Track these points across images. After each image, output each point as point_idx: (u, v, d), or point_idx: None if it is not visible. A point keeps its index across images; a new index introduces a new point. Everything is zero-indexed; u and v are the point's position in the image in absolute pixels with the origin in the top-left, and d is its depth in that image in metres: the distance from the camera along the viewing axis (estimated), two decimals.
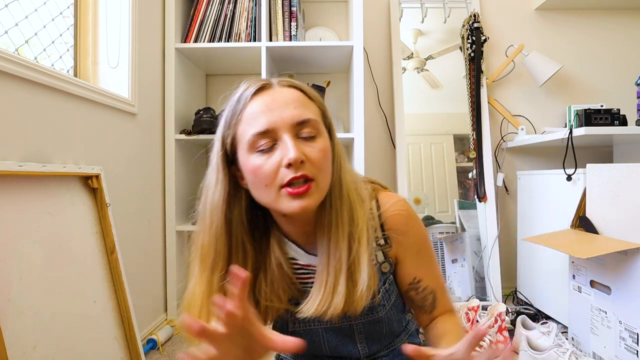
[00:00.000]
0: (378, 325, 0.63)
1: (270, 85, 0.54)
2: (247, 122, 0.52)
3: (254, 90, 0.53)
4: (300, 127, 0.52)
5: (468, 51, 1.87)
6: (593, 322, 1.17)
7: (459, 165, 1.90)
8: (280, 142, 0.51)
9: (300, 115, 0.51)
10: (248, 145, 0.51)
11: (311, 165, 0.51)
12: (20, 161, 0.84)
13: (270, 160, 0.50)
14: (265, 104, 0.51)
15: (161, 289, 1.53)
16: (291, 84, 0.55)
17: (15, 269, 0.77)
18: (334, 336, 0.63)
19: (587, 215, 1.21)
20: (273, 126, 0.50)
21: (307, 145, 0.52)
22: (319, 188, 0.52)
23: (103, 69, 1.29)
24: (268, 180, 0.50)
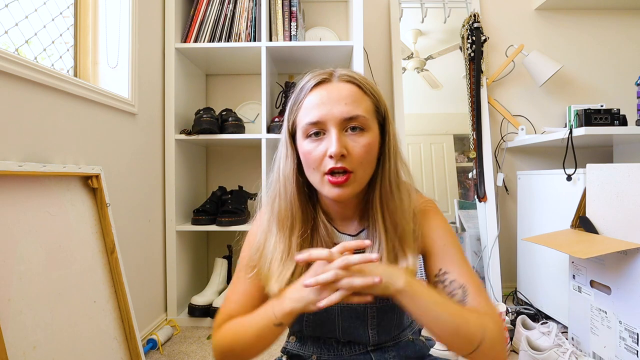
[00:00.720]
0: (390, 313, 0.66)
1: (329, 79, 0.60)
2: (304, 110, 0.59)
3: (314, 82, 0.60)
4: (348, 122, 0.57)
5: (468, 51, 1.87)
6: (593, 322, 1.17)
7: (459, 165, 1.90)
8: (328, 133, 0.57)
9: (349, 111, 0.57)
10: (303, 130, 0.59)
11: (352, 159, 0.57)
12: (20, 161, 0.84)
13: (318, 148, 0.58)
14: (320, 97, 0.58)
15: (161, 289, 1.53)
16: (349, 79, 0.60)
17: (15, 269, 0.77)
18: (348, 317, 0.66)
19: (587, 215, 1.21)
20: (324, 119, 0.57)
21: (352, 139, 0.57)
22: (357, 179, 0.58)
23: (103, 69, 1.29)
24: (315, 165, 0.58)
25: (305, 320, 0.67)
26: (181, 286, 1.61)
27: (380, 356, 0.67)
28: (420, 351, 0.71)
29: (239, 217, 1.59)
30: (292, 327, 0.71)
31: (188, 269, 1.69)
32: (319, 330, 0.67)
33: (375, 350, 0.68)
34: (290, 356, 0.72)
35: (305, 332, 0.69)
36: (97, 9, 1.30)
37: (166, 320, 1.54)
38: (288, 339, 0.74)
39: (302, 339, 0.71)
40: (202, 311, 1.52)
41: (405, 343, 0.70)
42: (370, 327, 0.66)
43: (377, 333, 0.66)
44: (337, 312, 0.65)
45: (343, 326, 0.66)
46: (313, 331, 0.68)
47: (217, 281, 1.65)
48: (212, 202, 1.66)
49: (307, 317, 0.67)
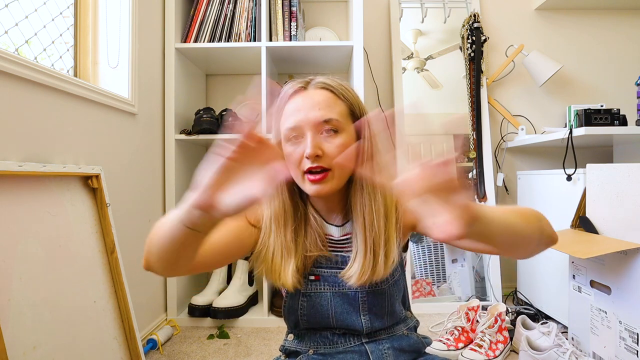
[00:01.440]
0: (380, 298, 0.69)
1: (305, 87, 0.67)
2: (284, 117, 0.65)
3: (291, 91, 0.66)
4: (322, 125, 0.62)
5: (468, 51, 1.87)
6: (593, 322, 1.17)
7: (459, 165, 1.90)
8: (304, 137, 0.62)
9: (322, 115, 0.62)
10: (284, 135, 0.64)
11: (327, 158, 0.61)
12: (20, 161, 0.84)
13: (297, 150, 0.63)
14: (296, 104, 0.64)
15: (161, 289, 1.53)
16: (324, 85, 0.66)
17: (15, 269, 0.77)
18: (340, 302, 0.69)
19: (587, 215, 1.21)
20: (300, 124, 0.62)
21: (327, 140, 0.62)
22: (335, 177, 0.63)
23: (103, 69, 1.29)
24: (294, 166, 0.63)
25: (300, 308, 0.70)
26: (181, 286, 1.61)
27: (374, 347, 0.70)
28: (415, 345, 0.73)
29: None
30: (289, 322, 0.74)
31: None
32: (313, 319, 0.70)
33: (369, 342, 0.70)
34: (288, 354, 0.74)
35: (301, 324, 0.71)
36: (97, 9, 1.30)
37: (166, 320, 1.54)
38: (286, 337, 0.76)
39: (300, 336, 0.73)
40: (202, 311, 1.52)
41: (400, 336, 0.73)
42: (362, 313, 0.69)
43: (369, 320, 0.69)
44: (330, 298, 0.69)
45: (336, 312, 0.69)
46: (308, 322, 0.70)
47: (217, 281, 1.65)
48: None
49: (302, 306, 0.70)
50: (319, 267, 0.69)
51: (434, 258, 1.80)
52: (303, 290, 0.69)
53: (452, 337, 1.31)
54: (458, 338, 1.31)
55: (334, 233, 0.71)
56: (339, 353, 0.70)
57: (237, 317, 1.53)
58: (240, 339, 1.41)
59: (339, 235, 0.71)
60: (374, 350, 0.69)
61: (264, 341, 1.40)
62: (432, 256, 1.80)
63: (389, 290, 0.70)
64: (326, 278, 0.69)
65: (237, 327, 1.53)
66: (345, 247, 0.70)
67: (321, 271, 0.69)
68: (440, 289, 1.77)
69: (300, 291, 0.69)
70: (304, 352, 0.72)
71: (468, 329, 1.33)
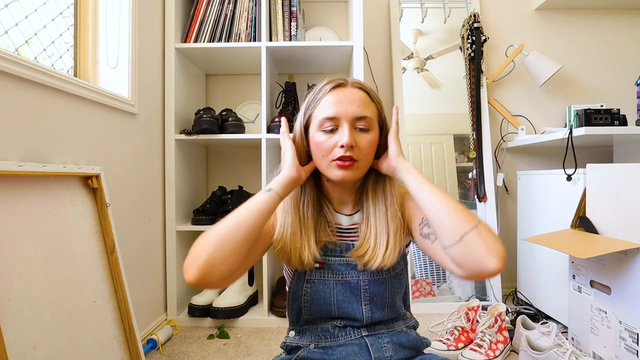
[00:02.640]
0: (382, 287, 0.73)
1: (345, 84, 0.72)
2: (322, 107, 0.70)
3: (333, 85, 0.71)
4: (357, 121, 0.68)
5: (468, 51, 1.87)
6: (593, 322, 1.17)
7: (459, 165, 1.90)
8: (340, 127, 0.68)
9: (360, 112, 0.68)
10: (318, 124, 0.69)
11: (358, 150, 0.68)
12: (20, 161, 0.84)
13: (330, 139, 0.68)
14: (337, 97, 0.69)
15: (161, 289, 1.53)
16: (360, 86, 0.72)
17: (15, 269, 0.77)
18: (342, 290, 0.73)
19: (587, 215, 1.21)
20: (339, 115, 0.68)
21: (360, 135, 0.69)
22: (360, 167, 0.69)
23: (103, 69, 1.29)
24: (325, 153, 0.69)
25: (304, 295, 0.73)
26: (181, 286, 1.61)
27: (374, 340, 0.72)
28: (414, 342, 0.75)
29: None
30: (292, 311, 0.76)
31: None
32: (315, 307, 0.73)
33: (369, 336, 0.73)
34: (289, 350, 0.76)
35: (304, 313, 0.73)
36: (97, 9, 1.30)
37: (166, 320, 1.54)
38: (287, 334, 0.78)
39: (301, 332, 0.76)
40: (202, 311, 1.52)
41: (399, 332, 0.75)
42: (364, 302, 0.72)
43: (370, 309, 0.72)
44: (332, 285, 0.72)
45: (338, 300, 0.72)
46: (310, 309, 0.73)
47: None
48: (212, 202, 1.66)
49: (305, 292, 0.73)
50: (324, 255, 0.73)
51: None
52: (307, 277, 0.73)
53: (452, 337, 1.31)
54: (458, 338, 1.31)
55: (343, 222, 0.76)
56: (339, 346, 0.72)
57: (237, 317, 1.53)
58: (240, 339, 1.41)
59: (348, 224, 0.76)
60: (374, 343, 0.71)
61: (264, 341, 1.40)
62: None
63: (390, 281, 0.73)
64: (330, 266, 0.73)
65: (237, 327, 1.53)
66: (351, 236, 0.75)
67: (326, 259, 0.73)
68: (440, 289, 1.77)
69: (305, 277, 0.73)
70: (305, 346, 0.73)
71: (468, 329, 1.33)
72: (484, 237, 0.56)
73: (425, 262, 1.80)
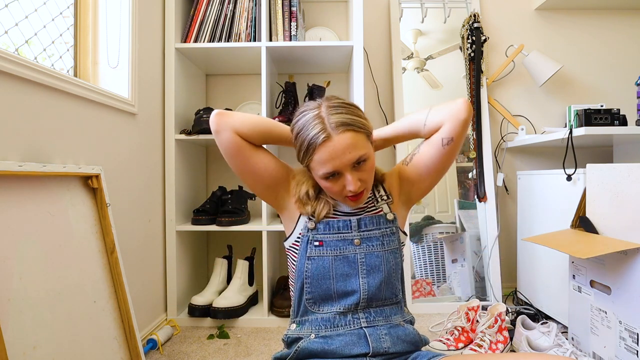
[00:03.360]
0: (377, 260, 0.78)
1: (330, 137, 0.70)
2: (317, 163, 0.71)
3: (320, 141, 0.70)
4: (356, 162, 0.71)
5: (468, 51, 1.87)
6: (593, 322, 1.17)
7: (459, 165, 1.90)
8: (343, 175, 0.72)
9: (355, 156, 0.70)
10: (319, 175, 0.73)
11: (364, 182, 0.73)
12: (20, 161, 0.84)
13: (336, 184, 0.73)
14: (329, 153, 0.69)
15: (161, 289, 1.53)
16: (346, 129, 0.70)
17: (15, 269, 0.77)
18: (341, 265, 0.77)
19: (587, 215, 1.21)
20: (337, 169, 0.70)
21: (361, 170, 0.72)
22: (368, 190, 0.75)
23: (103, 69, 1.29)
24: (335, 195, 0.75)
25: (305, 271, 0.78)
26: (181, 286, 1.61)
27: (372, 332, 0.75)
28: (412, 337, 0.78)
29: (239, 217, 1.59)
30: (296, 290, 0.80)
31: (188, 269, 1.69)
32: (316, 282, 0.78)
33: (368, 327, 0.76)
34: (290, 343, 0.78)
35: (305, 290, 0.78)
36: (97, 9, 1.30)
37: (166, 320, 1.54)
38: (289, 327, 0.81)
39: (301, 323, 0.79)
40: (202, 311, 1.52)
41: (397, 325, 0.78)
42: (361, 274, 0.77)
43: (367, 283, 0.77)
44: (331, 261, 0.77)
45: (337, 274, 0.77)
46: (311, 285, 0.78)
47: (217, 281, 1.65)
48: (212, 202, 1.66)
49: (307, 269, 0.78)
50: (323, 234, 0.78)
51: (434, 258, 1.80)
52: (308, 254, 0.78)
53: (452, 337, 1.31)
54: (458, 338, 1.31)
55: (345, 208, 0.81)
56: (338, 335, 0.75)
57: (237, 317, 1.53)
58: (240, 339, 1.41)
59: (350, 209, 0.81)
60: (372, 334, 0.75)
61: (264, 341, 1.40)
62: (432, 256, 1.80)
63: (385, 256, 0.79)
64: (328, 243, 0.78)
65: (237, 327, 1.53)
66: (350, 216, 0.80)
67: (325, 237, 0.78)
68: (440, 289, 1.77)
69: (306, 255, 0.78)
70: (305, 336, 0.76)
71: (468, 329, 1.33)
72: (436, 110, 0.77)
73: (425, 262, 1.80)
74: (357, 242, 0.78)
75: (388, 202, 0.83)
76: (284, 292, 1.64)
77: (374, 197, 0.84)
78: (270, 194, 0.82)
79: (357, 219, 0.79)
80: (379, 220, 0.80)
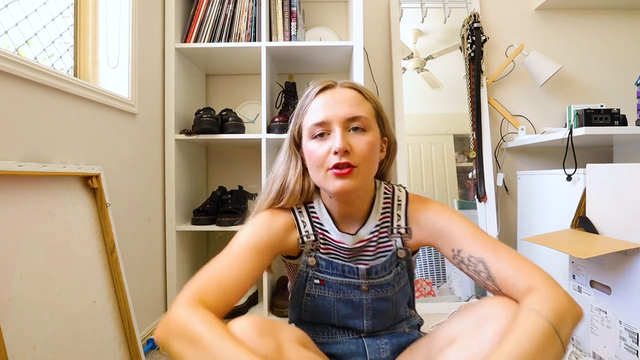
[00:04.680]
0: (385, 304, 0.70)
1: (333, 85, 0.66)
2: (310, 113, 0.64)
3: (319, 88, 0.65)
4: (351, 122, 0.62)
5: (468, 51, 1.87)
6: (593, 322, 1.17)
7: (459, 165, 1.90)
8: (332, 133, 0.62)
9: (351, 112, 0.62)
10: (308, 132, 0.64)
11: (355, 155, 0.61)
12: (20, 161, 0.84)
13: (323, 146, 0.62)
14: (325, 100, 0.64)
15: (161, 289, 1.53)
16: (351, 85, 0.66)
17: (15, 269, 0.77)
18: (344, 307, 0.69)
19: (587, 215, 1.21)
20: (329, 119, 0.62)
21: (355, 137, 0.62)
22: (360, 174, 0.62)
23: (103, 69, 1.29)
24: (319, 162, 0.62)
25: (304, 305, 0.71)
26: (181, 286, 1.60)
27: (371, 342, 0.71)
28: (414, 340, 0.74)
29: (239, 217, 1.59)
30: (292, 313, 0.76)
31: (188, 269, 1.69)
32: (315, 316, 0.71)
33: (367, 337, 0.72)
34: None
35: (304, 317, 0.72)
36: (97, 9, 1.29)
37: None
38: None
39: (299, 324, 0.75)
40: None
41: (400, 334, 0.73)
42: (366, 318, 0.70)
43: (371, 323, 0.70)
44: (334, 302, 0.69)
45: (338, 314, 0.70)
46: (310, 316, 0.72)
47: None
48: (212, 202, 1.66)
49: (305, 303, 0.71)
50: (324, 273, 0.69)
51: (434, 258, 1.80)
52: (307, 291, 0.70)
53: None
54: None
55: (347, 242, 0.69)
56: (336, 343, 0.72)
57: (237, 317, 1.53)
58: None
59: (352, 244, 0.69)
60: (371, 344, 0.71)
61: None
62: (432, 256, 1.80)
63: (394, 297, 0.70)
64: (331, 285, 0.69)
65: None
66: (356, 256, 0.70)
67: (326, 277, 0.69)
68: (440, 289, 1.77)
69: (305, 291, 0.70)
70: None
71: None
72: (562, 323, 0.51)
73: (425, 262, 1.80)
74: (365, 288, 0.68)
75: (404, 237, 0.70)
76: (284, 291, 1.64)
77: (390, 226, 0.70)
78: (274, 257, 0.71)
79: (366, 269, 0.68)
80: (391, 261, 0.69)
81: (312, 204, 0.72)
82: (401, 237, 0.70)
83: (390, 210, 0.71)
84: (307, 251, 0.69)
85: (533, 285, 0.54)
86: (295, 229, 0.70)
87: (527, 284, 0.55)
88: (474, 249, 0.61)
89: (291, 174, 0.68)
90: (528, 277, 0.55)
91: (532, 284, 0.54)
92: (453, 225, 0.64)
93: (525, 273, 0.56)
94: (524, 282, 0.55)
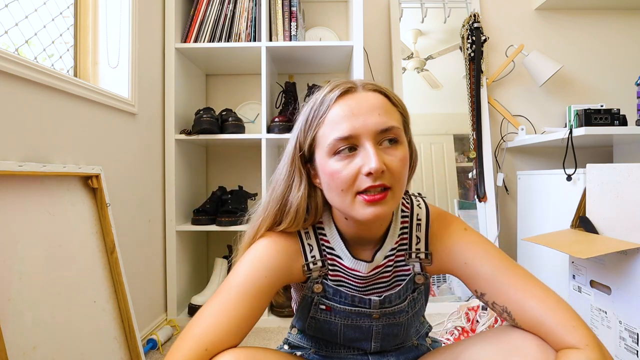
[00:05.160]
0: (396, 329, 0.64)
1: (355, 88, 0.54)
2: (329, 125, 0.52)
3: (339, 92, 0.53)
4: (383, 135, 0.51)
5: (468, 51, 1.87)
6: (593, 322, 1.17)
7: (459, 165, 1.90)
8: (361, 148, 0.51)
9: (384, 122, 0.51)
10: (328, 148, 0.52)
11: (390, 175, 0.51)
12: (20, 161, 0.84)
13: (350, 165, 0.51)
14: (349, 108, 0.51)
15: (161, 289, 1.53)
16: (376, 88, 0.55)
17: (15, 269, 0.77)
18: (352, 332, 0.63)
19: (587, 215, 1.21)
20: (356, 132, 0.50)
21: (388, 153, 0.51)
22: (395, 197, 0.52)
23: (103, 69, 1.29)
24: (345, 186, 0.51)
25: (308, 327, 0.66)
26: (181, 286, 1.61)
27: (377, 358, 0.67)
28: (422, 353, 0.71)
29: (239, 217, 1.58)
30: (296, 325, 0.73)
31: (188, 269, 1.69)
32: (320, 336, 0.67)
33: (374, 354, 0.68)
34: (292, 346, 0.73)
35: (307, 332, 0.69)
36: (97, 9, 1.29)
37: (166, 320, 1.54)
38: (290, 331, 0.75)
39: (304, 332, 0.72)
40: None
41: (409, 348, 0.69)
42: (374, 340, 0.65)
43: (380, 345, 0.65)
44: (340, 327, 0.63)
45: (345, 338, 0.65)
46: (315, 333, 0.68)
47: (217, 281, 1.65)
48: (212, 202, 1.66)
49: (309, 325, 0.65)
50: (332, 301, 0.61)
51: None
52: (312, 315, 0.64)
53: (452, 337, 1.31)
54: (458, 338, 1.31)
55: (362, 270, 0.60)
56: (340, 358, 0.68)
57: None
58: None
59: (367, 272, 0.60)
60: None
61: (264, 341, 1.40)
62: None
63: (407, 322, 0.64)
64: (338, 312, 0.62)
65: None
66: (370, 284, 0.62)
67: (333, 305, 0.61)
68: (440, 288, 1.77)
69: (309, 314, 0.64)
70: (305, 350, 0.71)
71: (468, 328, 1.33)
72: None
73: None
74: (376, 316, 0.61)
75: (424, 262, 0.62)
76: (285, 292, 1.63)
77: (408, 249, 0.62)
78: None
79: (378, 300, 0.60)
80: (407, 288, 0.61)
81: (322, 224, 0.62)
82: (420, 262, 0.62)
83: (408, 232, 0.62)
84: (313, 278, 0.61)
85: (578, 342, 0.48)
86: (300, 255, 0.60)
87: (569, 339, 0.49)
88: (496, 296, 0.55)
89: (293, 196, 0.56)
90: (571, 332, 0.49)
91: (578, 341, 0.48)
92: (478, 264, 0.57)
93: (565, 324, 0.50)
94: (565, 335, 0.50)
